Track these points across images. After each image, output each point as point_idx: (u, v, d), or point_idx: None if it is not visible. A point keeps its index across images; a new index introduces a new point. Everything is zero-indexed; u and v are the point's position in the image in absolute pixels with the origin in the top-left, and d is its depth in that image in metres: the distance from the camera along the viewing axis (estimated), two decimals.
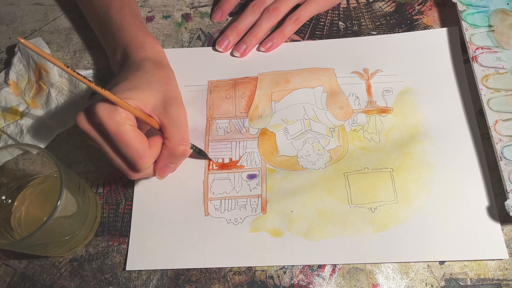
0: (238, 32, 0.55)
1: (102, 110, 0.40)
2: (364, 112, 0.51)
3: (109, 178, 0.51)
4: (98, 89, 0.40)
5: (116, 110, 0.40)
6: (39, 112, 0.53)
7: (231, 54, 0.56)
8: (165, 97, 0.44)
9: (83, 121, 0.42)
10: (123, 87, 0.43)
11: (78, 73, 0.38)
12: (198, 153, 0.49)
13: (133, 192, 0.50)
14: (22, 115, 0.53)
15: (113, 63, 0.52)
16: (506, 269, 0.43)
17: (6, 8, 0.62)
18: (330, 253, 0.45)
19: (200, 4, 0.60)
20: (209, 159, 0.50)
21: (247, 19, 0.55)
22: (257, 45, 0.56)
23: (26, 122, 0.52)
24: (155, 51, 0.50)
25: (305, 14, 0.55)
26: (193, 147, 0.48)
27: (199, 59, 0.56)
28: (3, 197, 0.47)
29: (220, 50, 0.56)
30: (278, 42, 0.55)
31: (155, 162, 0.44)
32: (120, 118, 0.40)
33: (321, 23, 0.57)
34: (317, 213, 0.47)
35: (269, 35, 0.56)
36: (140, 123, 0.44)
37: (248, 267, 0.46)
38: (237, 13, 0.58)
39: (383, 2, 0.57)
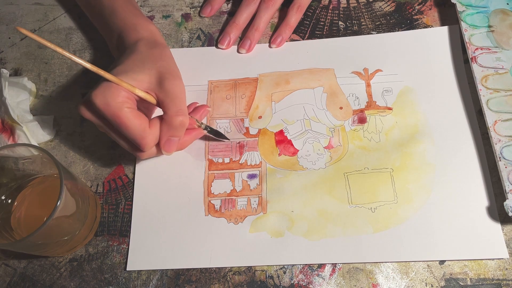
0: (238, 27, 0.56)
1: (98, 97, 0.42)
2: (364, 112, 0.51)
3: (109, 178, 0.51)
4: (97, 70, 0.42)
5: (111, 96, 0.42)
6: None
7: (238, 51, 0.56)
8: (159, 73, 0.45)
9: (84, 112, 0.44)
10: (118, 70, 0.44)
11: (78, 56, 0.42)
12: (215, 135, 0.50)
13: (133, 192, 0.50)
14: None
15: (111, 47, 0.53)
16: (506, 269, 0.43)
17: (6, 8, 0.62)
18: (331, 252, 0.45)
19: (200, 4, 0.60)
20: (226, 139, 0.50)
21: (244, 13, 0.56)
22: (267, 43, 0.56)
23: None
24: (149, 31, 0.50)
25: None
26: (207, 128, 0.49)
27: (199, 59, 0.56)
28: (3, 197, 0.46)
29: (223, 47, 0.56)
30: (286, 35, 0.55)
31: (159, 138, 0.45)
32: (116, 103, 0.42)
33: (321, 23, 0.57)
34: (317, 213, 0.47)
35: (275, 30, 0.56)
36: (144, 108, 0.46)
37: (248, 267, 0.46)
38: (233, 13, 0.58)
39: (383, 2, 0.57)
